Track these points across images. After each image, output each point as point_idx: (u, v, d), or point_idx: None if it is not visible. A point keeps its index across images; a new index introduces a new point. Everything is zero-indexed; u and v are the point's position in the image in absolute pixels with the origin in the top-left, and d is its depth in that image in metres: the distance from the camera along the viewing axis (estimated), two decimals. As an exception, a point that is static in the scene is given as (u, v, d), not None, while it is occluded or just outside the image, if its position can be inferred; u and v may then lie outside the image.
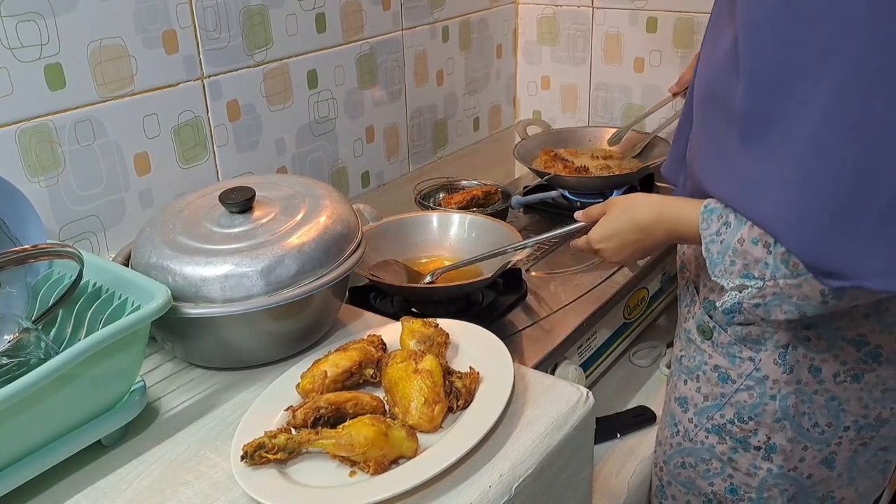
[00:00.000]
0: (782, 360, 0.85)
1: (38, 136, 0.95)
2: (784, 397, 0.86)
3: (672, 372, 1.00)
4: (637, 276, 1.21)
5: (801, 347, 0.84)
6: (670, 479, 1.00)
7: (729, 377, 0.89)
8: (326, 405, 0.72)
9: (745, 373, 0.87)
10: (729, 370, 0.89)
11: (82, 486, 0.70)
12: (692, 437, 0.95)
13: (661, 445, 1.01)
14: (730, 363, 0.89)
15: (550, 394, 0.78)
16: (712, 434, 0.93)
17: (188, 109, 1.12)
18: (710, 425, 0.92)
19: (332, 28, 1.30)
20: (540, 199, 1.40)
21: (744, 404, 0.89)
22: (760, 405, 0.87)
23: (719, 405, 0.91)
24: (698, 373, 0.93)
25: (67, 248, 0.76)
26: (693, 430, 0.95)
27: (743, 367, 0.88)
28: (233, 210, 0.85)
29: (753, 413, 0.88)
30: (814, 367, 0.85)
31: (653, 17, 1.59)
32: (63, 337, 0.79)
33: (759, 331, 0.85)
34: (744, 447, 0.91)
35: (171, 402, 0.81)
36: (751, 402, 0.88)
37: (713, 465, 0.94)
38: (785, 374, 0.85)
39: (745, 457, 0.91)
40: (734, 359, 0.88)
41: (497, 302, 1.11)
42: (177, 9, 1.07)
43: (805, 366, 0.85)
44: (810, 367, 0.85)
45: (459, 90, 1.66)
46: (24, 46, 0.92)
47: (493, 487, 0.67)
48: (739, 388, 0.88)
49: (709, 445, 0.93)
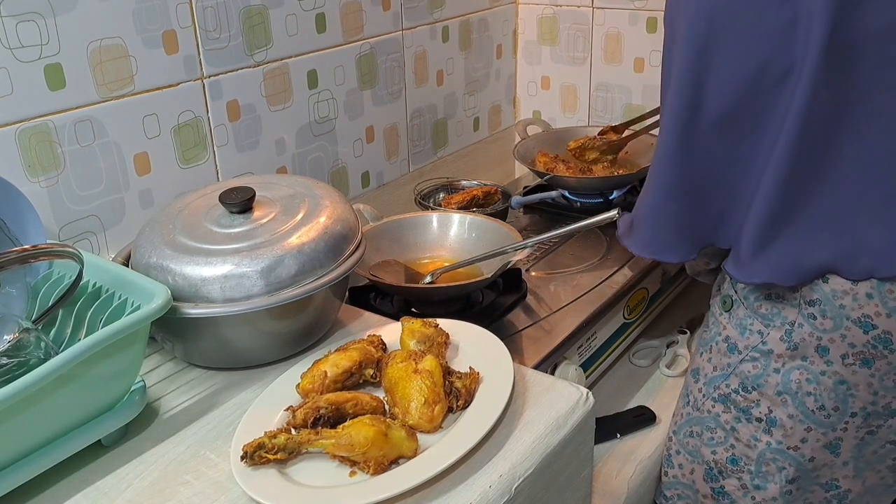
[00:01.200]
0: (787, 337, 0.87)
1: (37, 136, 0.95)
2: (787, 372, 0.88)
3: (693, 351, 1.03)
4: (637, 276, 1.21)
5: (807, 325, 0.86)
6: (679, 448, 1.02)
7: (736, 347, 0.92)
8: (326, 405, 0.72)
9: (752, 345, 0.90)
10: (737, 341, 0.92)
11: (82, 486, 0.70)
12: (699, 406, 0.97)
13: (674, 416, 1.04)
14: (739, 334, 0.91)
15: (550, 394, 0.78)
16: (718, 403, 0.95)
17: (188, 109, 1.12)
18: (717, 394, 0.95)
19: (332, 28, 1.30)
20: (540, 199, 1.40)
21: (748, 375, 0.91)
22: (763, 376, 0.90)
23: (725, 374, 0.93)
24: (711, 344, 0.96)
25: (67, 248, 0.76)
26: (701, 399, 0.97)
27: (750, 339, 0.90)
28: (233, 210, 0.85)
29: (756, 383, 0.90)
30: (821, 346, 0.86)
31: (653, 17, 1.59)
32: (63, 337, 0.79)
33: (770, 305, 0.88)
34: (746, 417, 0.93)
35: (171, 403, 0.81)
36: (754, 372, 0.90)
37: (717, 433, 0.96)
38: (789, 350, 0.87)
39: (747, 427, 0.93)
40: (744, 330, 0.91)
41: (497, 302, 1.11)
42: (177, 9, 1.07)
43: (812, 344, 0.86)
44: (817, 347, 0.86)
45: (459, 90, 1.66)
46: (23, 46, 0.92)
47: (492, 487, 0.67)
48: (745, 358, 0.91)
49: (714, 414, 0.96)
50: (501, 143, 1.81)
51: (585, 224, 1.03)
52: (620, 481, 1.05)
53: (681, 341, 1.32)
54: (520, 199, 1.38)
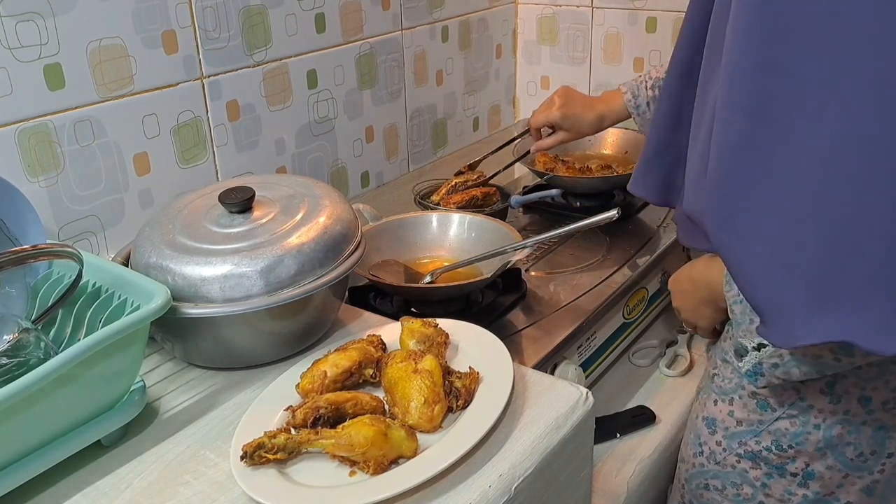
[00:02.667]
0: (829, 390, 0.82)
1: (37, 136, 0.95)
2: (829, 427, 0.83)
3: (702, 388, 0.97)
4: (637, 276, 1.21)
5: (852, 376, 0.81)
6: (692, 499, 0.98)
7: (769, 405, 0.86)
8: (326, 405, 0.72)
9: (788, 401, 0.84)
10: (769, 398, 0.85)
11: (82, 486, 0.70)
12: (720, 460, 0.92)
13: (684, 463, 0.98)
14: (770, 391, 0.85)
15: (550, 394, 0.78)
16: (745, 459, 0.89)
17: (188, 109, 1.12)
18: (743, 451, 0.89)
19: (332, 28, 1.30)
20: (539, 198, 1.40)
21: (784, 432, 0.85)
22: (803, 434, 0.84)
23: (755, 432, 0.88)
24: (733, 396, 0.89)
25: (67, 248, 0.76)
26: (721, 453, 0.91)
27: (785, 396, 0.84)
28: (232, 210, 0.85)
29: (794, 442, 0.85)
30: (864, 396, 0.81)
31: (652, 17, 1.59)
32: (62, 337, 0.79)
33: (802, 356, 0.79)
34: (780, 473, 0.88)
35: (171, 403, 0.81)
36: (792, 430, 0.85)
37: (744, 490, 0.91)
38: (832, 403, 0.82)
39: (780, 483, 0.88)
40: (775, 387, 0.84)
41: (497, 302, 1.11)
42: (176, 9, 1.07)
43: (855, 396, 0.81)
44: (860, 398, 0.81)
45: (459, 90, 1.66)
46: (23, 46, 0.92)
47: (492, 487, 0.67)
48: (780, 416, 0.85)
49: (741, 470, 0.90)
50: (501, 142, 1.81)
51: (585, 224, 1.03)
52: (620, 481, 1.05)
53: (680, 341, 1.32)
54: (519, 199, 1.38)
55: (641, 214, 1.40)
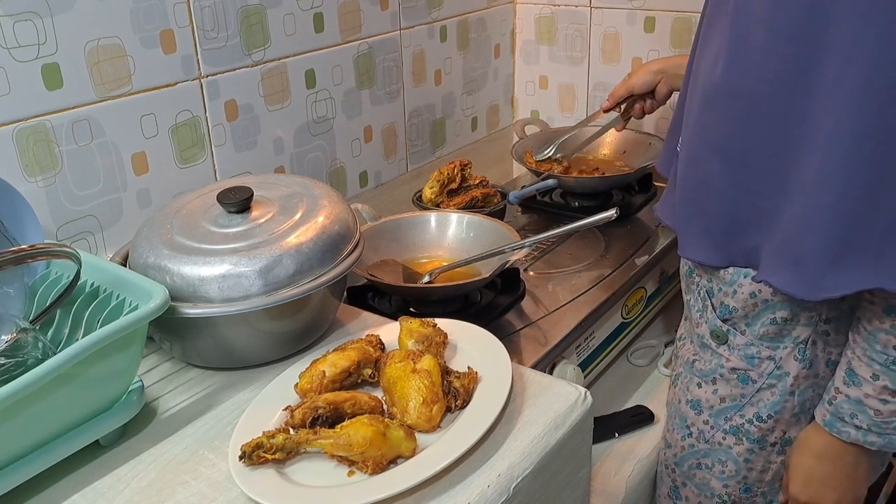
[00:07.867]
0: (801, 356, 0.87)
1: (35, 135, 0.95)
2: (802, 391, 0.88)
3: (679, 375, 1.00)
4: (635, 275, 1.21)
5: (820, 342, 0.86)
6: (685, 481, 1.01)
7: (749, 378, 0.90)
8: (325, 405, 0.72)
9: (766, 371, 0.89)
10: (749, 371, 0.90)
11: (80, 486, 0.70)
12: (708, 438, 0.96)
13: (672, 448, 1.01)
14: (749, 364, 0.90)
15: (548, 393, 0.78)
16: (730, 435, 0.94)
17: (186, 109, 1.12)
18: (728, 426, 0.94)
19: (330, 28, 1.30)
20: (536, 190, 1.39)
21: (765, 402, 0.90)
22: (780, 402, 0.89)
23: (738, 406, 0.92)
24: (714, 376, 0.93)
25: (65, 248, 0.76)
26: (709, 431, 0.96)
27: (763, 367, 0.89)
28: (231, 210, 0.85)
29: (773, 411, 0.90)
30: (831, 361, 0.87)
31: (651, 17, 1.59)
32: (61, 337, 0.79)
33: (776, 329, 0.87)
34: (760, 446, 0.92)
35: (169, 402, 0.81)
36: (772, 399, 0.90)
37: (728, 466, 0.95)
38: (805, 369, 0.87)
39: (761, 455, 0.93)
40: (753, 359, 0.89)
41: (495, 301, 1.11)
42: (174, 8, 1.06)
43: (823, 360, 0.87)
44: (827, 362, 0.87)
45: (457, 90, 1.66)
46: (21, 46, 0.92)
47: (491, 487, 0.67)
48: (761, 387, 0.90)
49: (726, 447, 0.95)
50: (500, 142, 1.81)
51: (583, 223, 1.03)
52: (619, 480, 1.05)
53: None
54: (517, 194, 1.38)
55: (640, 214, 1.40)
